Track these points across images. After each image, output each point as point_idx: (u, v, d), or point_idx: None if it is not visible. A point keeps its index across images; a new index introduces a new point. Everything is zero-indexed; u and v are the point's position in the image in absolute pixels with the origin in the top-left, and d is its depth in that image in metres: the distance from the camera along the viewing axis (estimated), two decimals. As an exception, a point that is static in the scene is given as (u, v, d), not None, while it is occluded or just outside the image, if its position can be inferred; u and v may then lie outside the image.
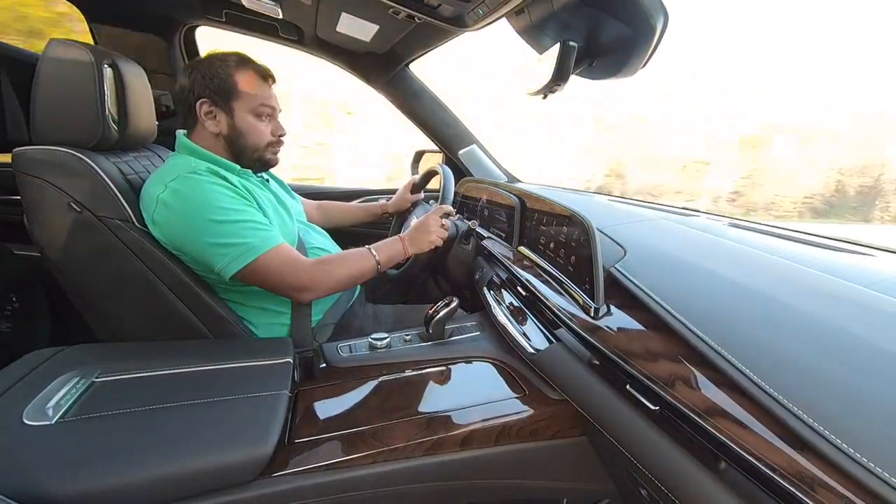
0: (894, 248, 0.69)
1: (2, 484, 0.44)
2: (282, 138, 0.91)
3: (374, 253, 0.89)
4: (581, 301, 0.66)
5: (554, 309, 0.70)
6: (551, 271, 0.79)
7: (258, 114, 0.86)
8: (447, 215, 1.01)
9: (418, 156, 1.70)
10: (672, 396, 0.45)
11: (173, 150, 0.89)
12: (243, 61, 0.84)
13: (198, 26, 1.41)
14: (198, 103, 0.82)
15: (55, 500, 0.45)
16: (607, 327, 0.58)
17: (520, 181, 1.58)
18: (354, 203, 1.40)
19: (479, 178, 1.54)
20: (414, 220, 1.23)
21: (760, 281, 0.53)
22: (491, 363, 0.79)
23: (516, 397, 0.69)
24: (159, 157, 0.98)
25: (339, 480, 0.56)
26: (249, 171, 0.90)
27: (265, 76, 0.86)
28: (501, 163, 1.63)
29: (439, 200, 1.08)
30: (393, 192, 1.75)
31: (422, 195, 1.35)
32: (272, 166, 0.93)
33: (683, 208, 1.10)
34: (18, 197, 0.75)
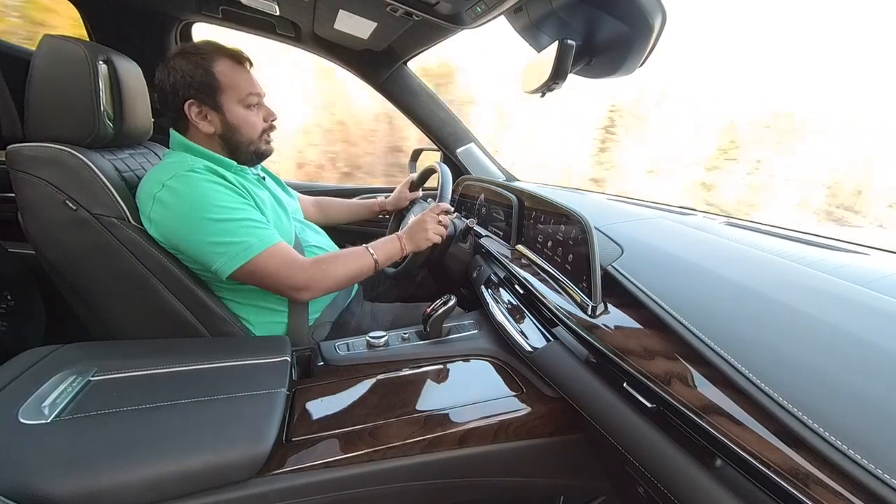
0: (888, 247, 0.70)
1: None
2: (274, 123, 0.90)
3: (372, 251, 0.88)
4: (578, 299, 0.66)
5: (551, 307, 0.70)
6: (549, 270, 0.79)
7: (247, 104, 0.84)
8: (445, 213, 1.01)
9: (416, 154, 1.70)
10: (668, 394, 0.45)
11: (169, 147, 0.88)
12: (217, 50, 0.82)
13: (194, 23, 1.40)
14: (186, 105, 0.80)
15: (51, 498, 0.45)
16: (604, 325, 0.59)
17: (518, 180, 1.58)
18: (352, 200, 1.39)
19: (477, 177, 1.54)
20: (412, 218, 1.23)
21: (756, 279, 0.54)
22: (489, 361, 0.80)
23: (514, 395, 0.69)
24: (155, 154, 0.98)
25: (337, 478, 0.56)
26: (247, 168, 0.90)
27: (241, 61, 0.84)
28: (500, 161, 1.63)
29: (437, 198, 1.08)
30: (391, 189, 1.75)
31: (420, 193, 1.35)
32: (268, 156, 0.92)
33: (680, 207, 1.10)
34: (12, 194, 0.75)
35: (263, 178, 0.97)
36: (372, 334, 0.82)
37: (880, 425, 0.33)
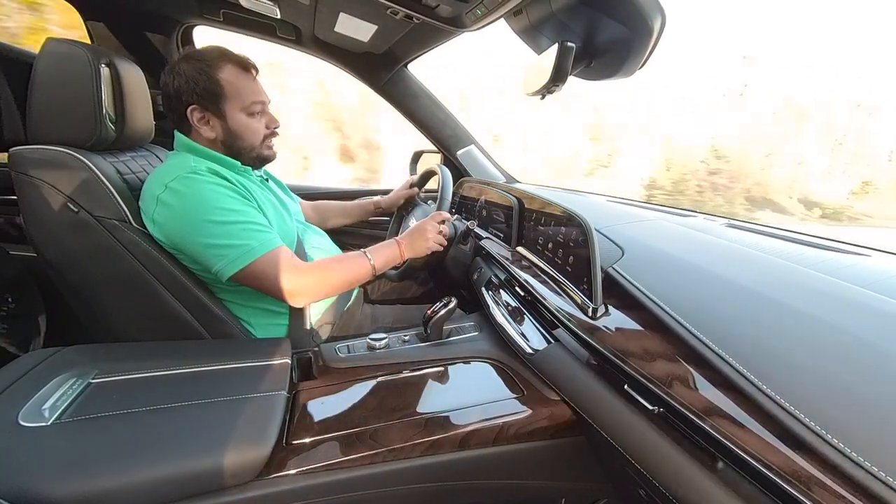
0: (889, 248, 0.70)
1: None
2: (276, 130, 0.90)
3: (370, 257, 0.88)
4: (579, 301, 0.66)
5: (552, 309, 0.70)
6: (549, 271, 0.79)
7: (250, 112, 0.84)
8: (443, 221, 1.00)
9: (417, 156, 1.71)
10: (670, 396, 0.45)
11: (171, 149, 0.88)
12: (222, 56, 0.81)
13: (195, 26, 1.40)
14: (188, 110, 0.80)
15: (51, 501, 0.45)
16: (605, 327, 0.59)
17: (518, 182, 1.58)
18: (348, 202, 1.38)
19: (477, 179, 1.54)
20: (412, 222, 1.23)
21: (757, 281, 0.54)
22: (489, 363, 0.79)
23: (515, 398, 0.69)
24: (157, 156, 0.98)
25: (337, 481, 0.56)
26: (249, 168, 0.90)
27: (247, 68, 0.84)
28: (500, 163, 1.64)
29: (437, 203, 1.08)
30: (389, 191, 1.75)
31: (416, 190, 1.33)
32: (271, 161, 0.92)
33: (681, 209, 1.10)
34: (14, 197, 0.75)
35: (266, 180, 0.97)
36: (372, 336, 0.82)
37: (883, 427, 0.33)
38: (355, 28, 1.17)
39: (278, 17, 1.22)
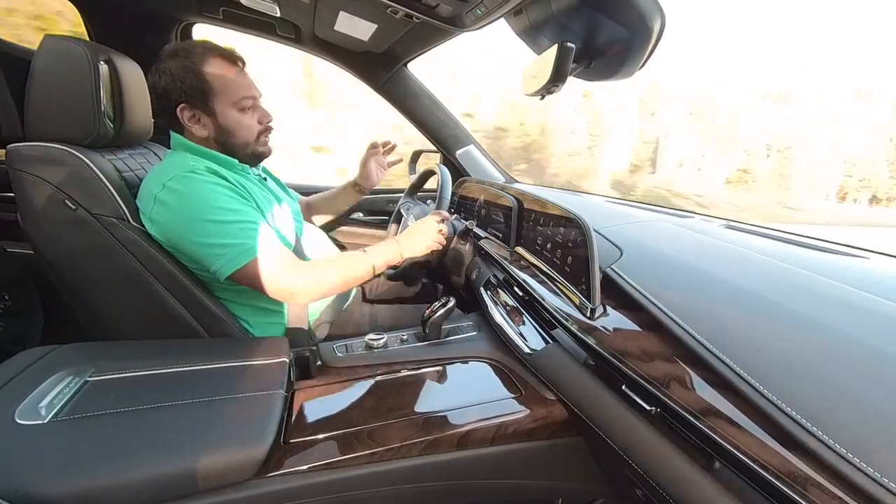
0: (887, 250, 0.70)
1: None
2: (270, 125, 0.89)
3: (370, 256, 0.88)
4: (577, 301, 0.66)
5: (550, 309, 0.70)
6: (548, 272, 0.79)
7: (241, 107, 0.82)
8: (443, 220, 1.00)
9: (416, 155, 1.71)
10: (667, 397, 0.45)
11: (170, 147, 0.88)
12: (208, 51, 0.79)
13: (195, 23, 1.40)
14: (178, 110, 0.79)
15: (47, 500, 0.45)
16: (603, 328, 0.59)
17: (517, 182, 1.58)
18: (329, 191, 1.28)
19: (476, 179, 1.54)
20: (411, 220, 1.23)
21: (755, 282, 0.54)
22: (487, 363, 0.79)
23: (513, 397, 0.69)
24: (155, 154, 0.98)
25: (335, 480, 0.56)
26: (248, 167, 0.89)
27: (234, 61, 0.82)
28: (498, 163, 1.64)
29: (436, 204, 1.08)
30: (390, 191, 1.75)
31: (378, 148, 1.21)
32: (266, 157, 0.91)
33: (679, 210, 1.11)
34: (12, 194, 0.75)
35: (265, 179, 0.97)
36: (371, 336, 0.82)
37: (879, 429, 0.33)
38: (355, 27, 1.17)
39: (278, 15, 1.22)
